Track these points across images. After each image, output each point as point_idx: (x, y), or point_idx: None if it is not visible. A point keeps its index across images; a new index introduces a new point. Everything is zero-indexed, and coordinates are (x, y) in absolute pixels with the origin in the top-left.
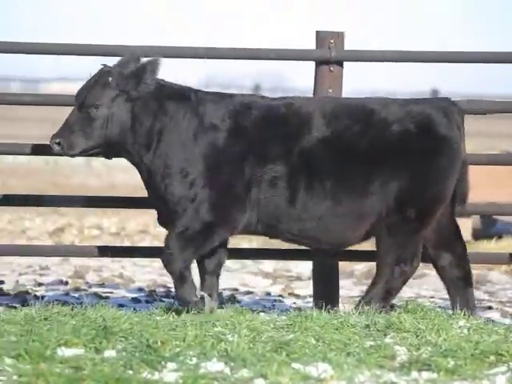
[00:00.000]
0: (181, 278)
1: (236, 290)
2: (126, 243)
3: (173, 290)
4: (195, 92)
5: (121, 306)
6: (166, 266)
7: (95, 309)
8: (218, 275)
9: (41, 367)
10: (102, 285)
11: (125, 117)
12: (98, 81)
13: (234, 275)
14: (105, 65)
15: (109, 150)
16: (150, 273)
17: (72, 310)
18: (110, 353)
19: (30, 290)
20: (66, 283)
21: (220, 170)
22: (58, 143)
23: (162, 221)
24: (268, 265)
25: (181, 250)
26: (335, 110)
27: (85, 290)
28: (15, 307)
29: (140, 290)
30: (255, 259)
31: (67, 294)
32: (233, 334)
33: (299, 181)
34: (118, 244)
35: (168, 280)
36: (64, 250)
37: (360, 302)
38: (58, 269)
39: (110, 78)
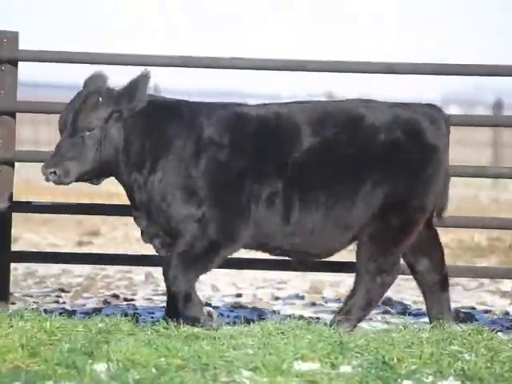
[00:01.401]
0: (186, 298)
1: (473, 308)
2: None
3: (410, 307)
4: (188, 105)
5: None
6: (169, 286)
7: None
8: None
9: (277, 380)
10: (338, 300)
11: (117, 137)
12: (87, 102)
13: (471, 294)
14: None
15: (101, 173)
16: None
17: (308, 324)
18: (345, 368)
19: (267, 304)
20: (303, 298)
21: (225, 186)
22: (54, 172)
23: (149, 237)
24: (506, 284)
25: (185, 270)
26: (322, 117)
27: (321, 304)
28: (253, 320)
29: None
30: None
31: (304, 308)
32: (470, 352)
33: (293, 195)
34: (353, 260)
35: (405, 297)
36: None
37: (339, 312)
38: (294, 283)
39: (100, 98)
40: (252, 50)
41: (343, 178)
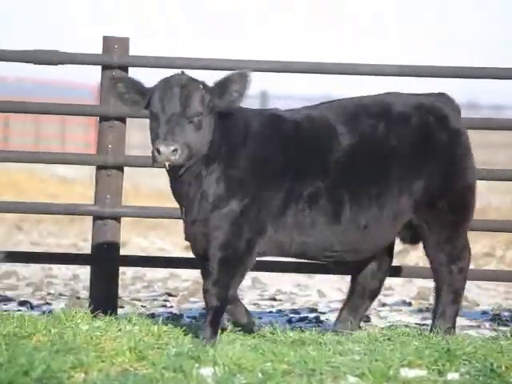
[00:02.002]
0: (221, 309)
1: None
2: (471, 266)
3: None
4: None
5: (465, 328)
6: (212, 294)
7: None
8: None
9: None
10: None
11: (209, 128)
12: (189, 88)
13: None
14: (182, 71)
15: (190, 161)
16: (495, 296)
17: (415, 330)
18: (452, 375)
19: (373, 310)
20: (410, 304)
21: (266, 183)
22: (176, 150)
23: (201, 247)
24: None
25: (231, 280)
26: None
27: (428, 311)
28: (359, 326)
29: (484, 313)
30: None
31: (410, 314)
32: None
33: (339, 193)
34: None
35: None
36: (408, 271)
37: (435, 315)
38: (401, 289)
39: (201, 86)
40: (252, 50)
41: (385, 168)
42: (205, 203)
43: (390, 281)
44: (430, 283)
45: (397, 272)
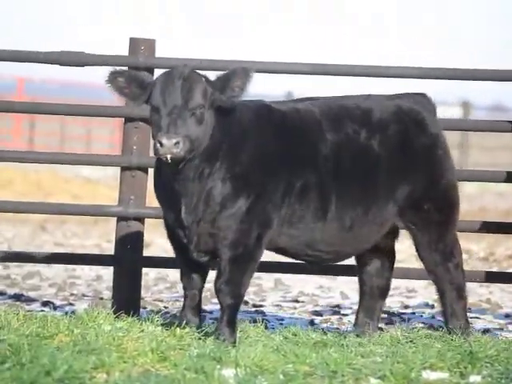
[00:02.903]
0: (236, 306)
1: None
2: (494, 268)
3: None
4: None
5: (486, 331)
6: (226, 293)
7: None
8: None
9: None
10: (468, 310)
11: (210, 122)
12: (191, 80)
13: None
14: (185, 64)
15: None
16: None
17: (438, 333)
18: (474, 378)
19: (396, 312)
20: (432, 306)
21: (269, 176)
22: (178, 143)
23: (207, 248)
24: None
25: (243, 277)
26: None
27: None
28: (381, 328)
29: (507, 316)
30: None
31: (433, 317)
32: None
33: (330, 188)
34: (486, 269)
35: None
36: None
37: (447, 317)
38: (424, 291)
39: (204, 79)
40: (252, 50)
41: (368, 172)
42: (212, 203)
43: (413, 283)
44: None
45: (419, 275)
